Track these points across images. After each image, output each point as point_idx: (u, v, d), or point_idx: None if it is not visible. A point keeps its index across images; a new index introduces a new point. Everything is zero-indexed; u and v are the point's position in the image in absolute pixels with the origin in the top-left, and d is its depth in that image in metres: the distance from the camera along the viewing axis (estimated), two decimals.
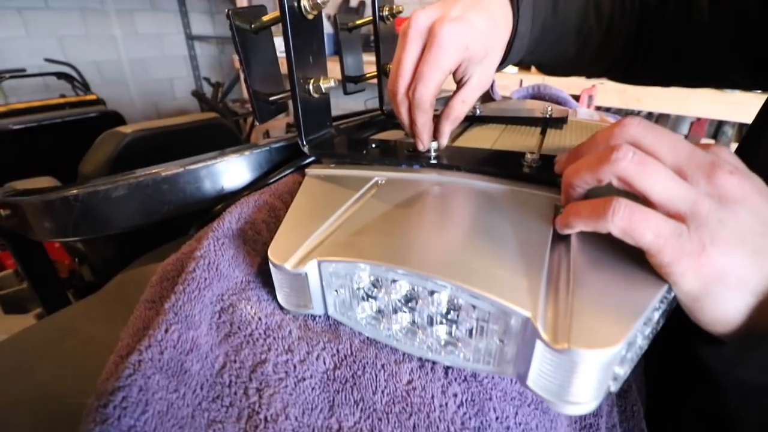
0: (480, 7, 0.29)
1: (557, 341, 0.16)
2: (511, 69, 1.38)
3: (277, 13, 0.32)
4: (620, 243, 0.19)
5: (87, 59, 2.16)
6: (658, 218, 0.18)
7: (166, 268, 0.25)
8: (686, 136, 1.45)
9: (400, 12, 0.44)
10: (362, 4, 1.94)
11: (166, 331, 0.20)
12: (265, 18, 0.32)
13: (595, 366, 0.16)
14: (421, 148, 0.31)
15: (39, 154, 1.39)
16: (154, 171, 0.33)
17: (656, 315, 0.19)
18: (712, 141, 1.39)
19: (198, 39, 2.58)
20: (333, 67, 0.42)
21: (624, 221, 0.18)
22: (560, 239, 0.22)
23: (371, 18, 0.44)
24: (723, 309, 0.18)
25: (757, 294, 0.18)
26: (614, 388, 0.18)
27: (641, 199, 0.19)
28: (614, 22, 0.40)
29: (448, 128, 0.30)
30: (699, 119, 1.40)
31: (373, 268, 0.20)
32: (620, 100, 1.23)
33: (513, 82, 1.35)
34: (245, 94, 2.20)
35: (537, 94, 0.73)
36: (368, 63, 0.47)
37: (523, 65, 0.40)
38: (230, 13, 0.31)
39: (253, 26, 0.33)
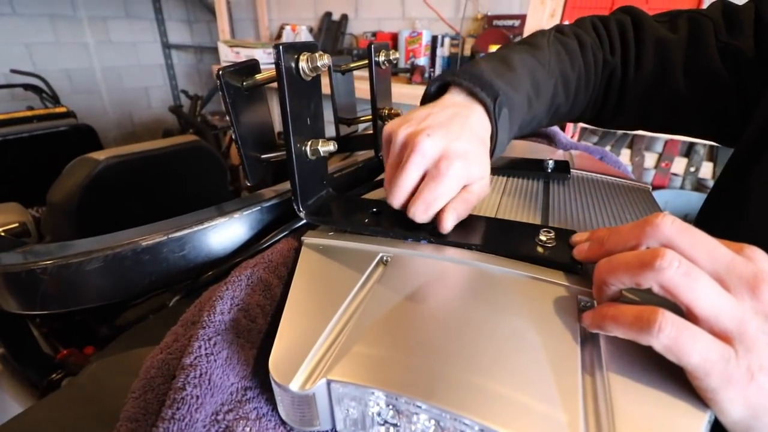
0: (470, 132, 0.30)
1: None
2: None
3: (271, 73, 0.29)
4: (655, 354, 0.17)
5: (57, 67, 2.05)
6: (706, 339, 0.17)
7: (149, 372, 0.22)
8: (661, 155, 1.49)
9: (396, 57, 0.42)
10: (344, 17, 1.92)
11: None
12: (258, 77, 0.30)
13: None
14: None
15: (4, 171, 1.29)
16: (133, 240, 0.30)
17: None
18: (685, 159, 1.44)
19: (175, 48, 2.50)
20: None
21: (670, 339, 0.17)
22: (588, 341, 0.20)
23: (366, 62, 0.42)
24: None
25: None
26: None
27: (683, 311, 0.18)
28: (580, 91, 0.42)
29: (450, 224, 0.29)
30: (672, 139, 1.46)
31: (390, 398, 0.18)
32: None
33: None
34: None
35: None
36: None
37: None
38: (220, 72, 0.28)
39: (244, 84, 0.30)
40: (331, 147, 0.30)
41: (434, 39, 1.48)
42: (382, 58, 0.41)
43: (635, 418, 0.17)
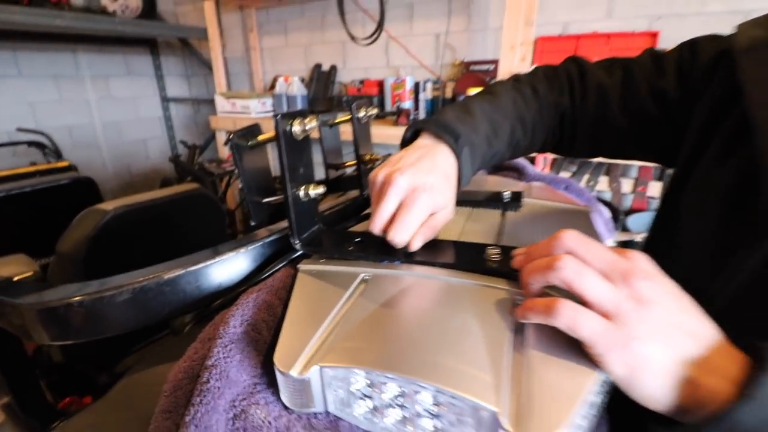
0: (436, 170, 0.38)
1: (518, 430, 0.20)
2: None
3: (271, 134, 0.37)
4: (563, 333, 0.24)
5: (59, 124, 2.18)
6: (593, 318, 0.24)
7: (177, 376, 0.28)
8: (636, 179, 1.60)
9: (374, 113, 0.51)
10: (333, 68, 2.09)
11: None
12: (260, 137, 0.38)
13: None
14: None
15: (9, 226, 1.36)
16: (157, 274, 0.37)
17: (597, 399, 0.24)
18: (659, 182, 1.54)
19: (173, 101, 2.66)
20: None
21: (568, 320, 0.24)
22: (519, 330, 0.27)
23: (350, 116, 0.51)
24: (650, 389, 0.23)
25: (675, 376, 0.23)
26: None
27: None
28: (537, 129, 0.50)
29: (418, 244, 0.36)
30: (645, 165, 1.57)
31: (367, 374, 0.24)
32: None
33: None
34: (221, 154, 2.26)
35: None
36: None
37: None
38: (232, 135, 0.37)
39: (249, 143, 0.38)
40: (321, 190, 0.38)
41: (417, 84, 1.63)
42: (361, 114, 0.50)
43: (545, 376, 0.23)
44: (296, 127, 0.36)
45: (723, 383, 0.22)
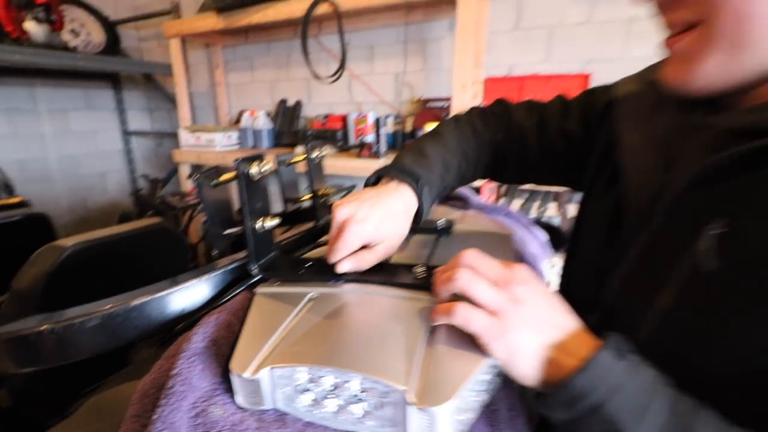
0: (380, 207, 0.44)
1: (419, 404, 0.27)
2: None
3: (232, 175, 0.44)
4: (462, 332, 0.32)
5: (10, 158, 2.13)
6: (480, 315, 0.31)
7: (145, 386, 0.33)
8: None
9: (325, 153, 0.59)
10: (299, 103, 2.20)
11: None
12: (222, 178, 0.45)
13: (443, 415, 0.27)
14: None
15: None
16: (125, 301, 0.41)
17: (486, 377, 0.31)
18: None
19: (135, 134, 2.67)
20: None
21: (460, 317, 0.31)
22: (432, 331, 0.34)
23: (305, 156, 0.59)
24: (523, 369, 0.31)
25: (538, 357, 0.31)
26: (464, 428, 0.29)
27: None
28: (478, 163, 0.59)
29: (344, 268, 0.43)
30: None
31: (308, 369, 0.30)
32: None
33: None
34: (183, 187, 2.27)
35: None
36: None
37: None
38: (197, 176, 0.43)
39: (213, 183, 0.45)
40: (276, 222, 0.45)
41: (378, 119, 1.75)
42: (315, 154, 0.58)
43: (446, 362, 0.30)
44: (253, 170, 0.43)
45: (573, 361, 0.30)
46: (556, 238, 1.27)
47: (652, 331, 0.32)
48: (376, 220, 0.44)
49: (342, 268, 0.42)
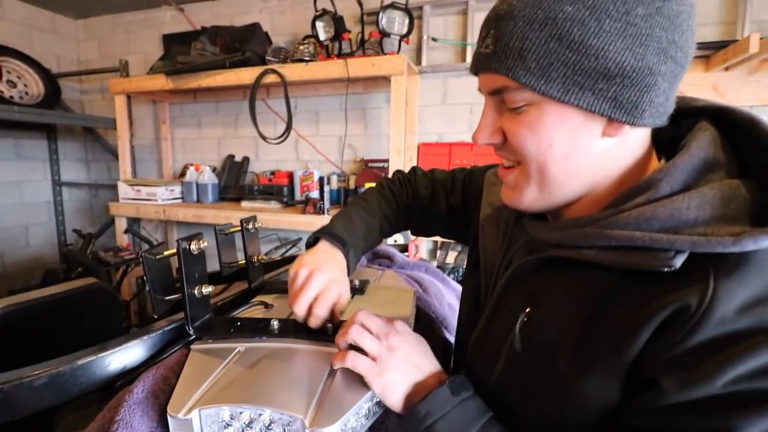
0: (335, 264, 0.57)
1: (311, 427, 0.38)
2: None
3: (174, 251, 0.55)
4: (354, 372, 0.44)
5: None
6: (363, 359, 0.44)
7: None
8: None
9: (259, 226, 0.71)
10: (246, 159, 2.32)
11: None
12: (166, 253, 0.55)
13: None
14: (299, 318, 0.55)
15: None
16: (72, 361, 0.49)
17: (366, 406, 0.43)
18: None
19: (67, 185, 2.61)
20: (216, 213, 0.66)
21: (350, 362, 0.44)
22: (333, 372, 0.46)
23: (240, 228, 0.70)
24: (393, 400, 0.43)
25: (404, 391, 0.43)
26: None
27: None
28: (398, 220, 0.74)
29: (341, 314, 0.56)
30: None
31: (230, 408, 0.41)
32: None
33: None
34: (119, 242, 2.24)
35: (374, 250, 1.07)
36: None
37: None
38: (142, 253, 0.53)
39: (157, 257, 0.55)
40: (211, 288, 0.55)
41: (322, 178, 1.91)
42: (250, 226, 0.70)
43: (338, 395, 0.42)
44: (193, 246, 0.54)
45: (423, 394, 0.42)
46: None
47: (493, 386, 0.45)
48: (329, 270, 0.55)
49: (301, 315, 0.53)
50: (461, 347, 0.57)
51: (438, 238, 1.88)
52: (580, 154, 0.39)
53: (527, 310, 0.43)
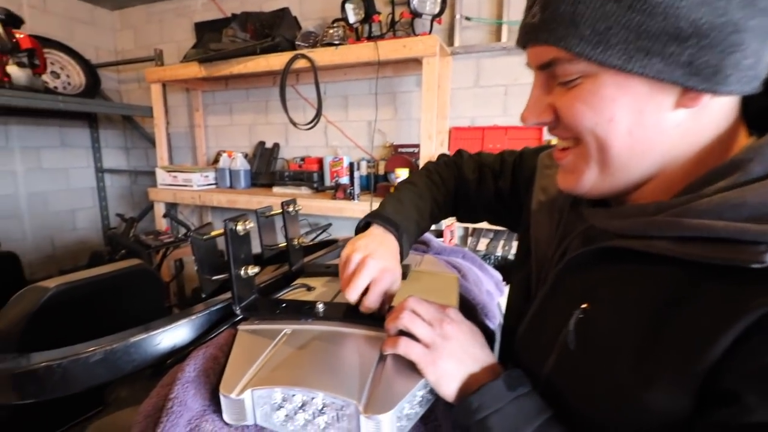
0: (387, 249, 0.55)
1: (366, 413, 0.36)
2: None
3: (221, 231, 0.54)
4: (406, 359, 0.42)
5: None
6: (417, 346, 0.42)
7: (147, 409, 0.41)
8: None
9: (299, 209, 0.70)
10: (276, 145, 2.32)
11: None
12: (213, 233, 0.54)
13: (385, 422, 0.36)
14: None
15: None
16: (125, 338, 0.49)
17: (420, 393, 0.41)
18: None
19: (109, 171, 2.70)
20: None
21: (402, 349, 0.42)
22: (383, 358, 0.44)
23: (281, 211, 0.69)
24: (446, 388, 0.41)
25: (459, 381, 0.41)
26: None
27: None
28: (445, 204, 0.71)
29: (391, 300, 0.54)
30: None
31: (282, 390, 0.39)
32: (485, 224, 1.66)
33: None
34: (158, 226, 2.31)
35: None
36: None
37: None
38: (191, 233, 0.52)
39: (204, 238, 0.54)
40: (257, 269, 0.54)
41: (352, 164, 1.88)
42: (290, 209, 0.69)
43: (390, 381, 0.40)
44: (239, 227, 0.53)
45: (477, 385, 0.40)
46: None
47: (544, 380, 0.42)
48: (382, 256, 0.52)
49: (370, 299, 0.50)
50: (508, 337, 0.54)
51: (470, 225, 1.84)
52: (647, 128, 0.34)
53: (583, 306, 0.39)
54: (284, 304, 0.55)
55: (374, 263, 0.51)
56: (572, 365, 0.39)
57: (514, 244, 1.96)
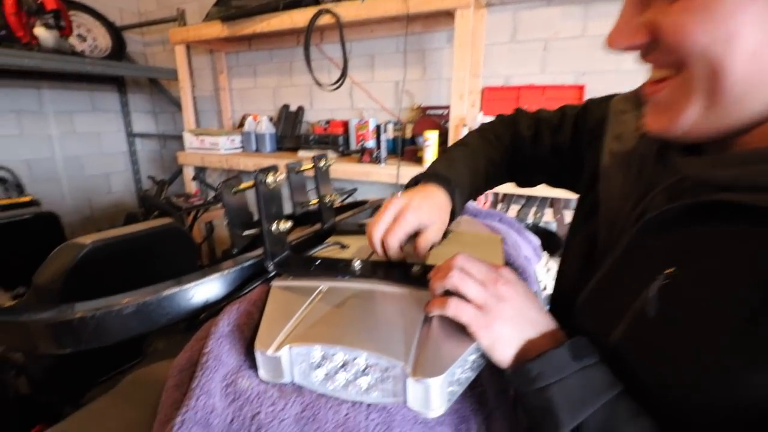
0: (428, 199, 0.53)
1: (415, 375, 0.33)
2: None
3: (251, 183, 0.50)
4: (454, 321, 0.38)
5: (18, 158, 2.18)
6: (468, 307, 0.37)
7: (181, 363, 0.39)
8: None
9: (332, 162, 0.65)
10: (301, 108, 2.26)
11: (197, 400, 0.34)
12: (242, 186, 0.51)
13: (436, 386, 0.33)
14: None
15: None
16: (157, 291, 0.47)
17: (471, 358, 0.37)
18: None
19: (139, 136, 2.73)
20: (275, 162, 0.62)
21: (452, 309, 0.37)
22: (428, 319, 0.40)
23: (313, 165, 0.65)
24: (500, 354, 0.37)
25: (515, 347, 0.37)
26: (453, 398, 0.35)
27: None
28: (503, 165, 0.65)
29: (423, 250, 0.51)
30: None
31: (321, 347, 0.36)
32: (516, 189, 1.58)
33: None
34: (188, 189, 2.33)
35: None
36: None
37: None
38: (220, 184, 0.49)
39: (234, 191, 0.51)
40: (289, 224, 0.51)
41: (378, 126, 1.81)
42: (322, 164, 0.64)
43: (439, 344, 0.36)
44: (270, 179, 0.49)
45: (537, 352, 0.35)
46: (553, 242, 1.33)
47: (610, 350, 0.36)
48: (427, 208, 0.51)
49: (422, 247, 0.49)
50: (560, 303, 0.49)
51: (499, 190, 1.75)
52: None
53: (667, 270, 0.33)
54: (318, 261, 0.52)
55: (412, 216, 0.48)
56: (649, 335, 0.34)
57: (547, 211, 1.87)
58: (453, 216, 0.57)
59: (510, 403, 0.46)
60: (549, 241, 1.23)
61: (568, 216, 1.86)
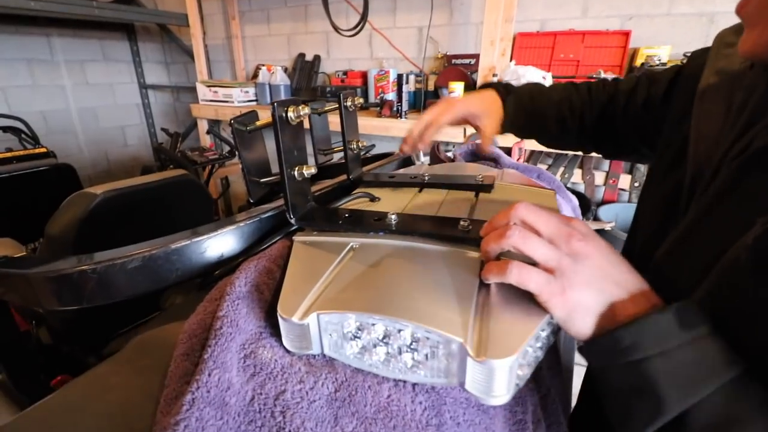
0: (478, 94, 0.57)
1: (479, 356, 0.26)
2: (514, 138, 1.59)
3: (268, 119, 0.41)
4: (517, 288, 0.30)
5: (33, 109, 2.12)
6: (536, 272, 0.29)
7: (192, 327, 0.33)
8: (608, 172, 1.69)
9: (360, 102, 0.56)
10: (317, 58, 2.11)
11: (209, 375, 0.27)
12: (258, 123, 0.42)
13: (502, 369, 0.26)
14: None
15: None
16: (165, 244, 0.41)
17: (544, 333, 0.29)
18: (629, 176, 1.64)
19: (152, 88, 2.62)
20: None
21: (516, 276, 0.29)
22: (484, 285, 0.32)
23: (338, 106, 0.55)
24: (580, 325, 0.29)
25: (598, 315, 0.29)
26: (520, 383, 0.28)
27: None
28: (584, 114, 0.56)
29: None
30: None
31: (357, 317, 0.29)
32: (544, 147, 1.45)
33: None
34: (203, 142, 2.25)
35: (476, 150, 0.88)
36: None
37: (523, 138, 0.70)
38: (232, 121, 0.41)
39: (248, 128, 0.42)
40: (313, 170, 0.42)
41: (400, 77, 1.67)
42: (348, 103, 0.55)
43: (504, 318, 0.29)
44: (291, 113, 0.40)
45: (627, 320, 0.28)
46: (582, 204, 1.23)
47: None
48: (473, 103, 0.55)
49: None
50: (639, 259, 0.40)
51: (528, 146, 1.61)
52: None
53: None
54: (348, 214, 0.44)
55: (461, 101, 0.52)
56: (741, 288, 0.26)
57: (576, 171, 1.75)
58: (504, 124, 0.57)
59: (563, 382, 0.39)
60: (579, 203, 1.14)
61: (599, 177, 1.74)
